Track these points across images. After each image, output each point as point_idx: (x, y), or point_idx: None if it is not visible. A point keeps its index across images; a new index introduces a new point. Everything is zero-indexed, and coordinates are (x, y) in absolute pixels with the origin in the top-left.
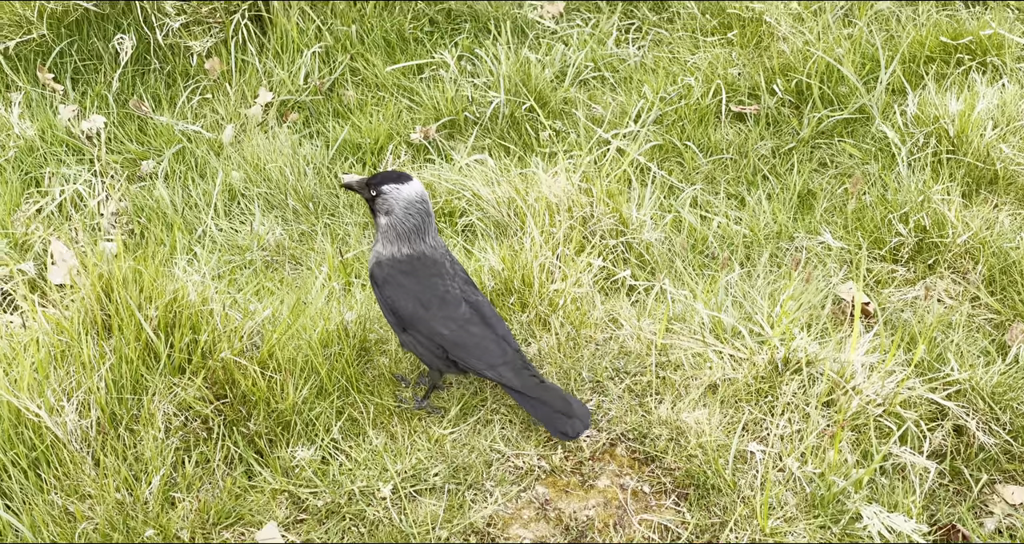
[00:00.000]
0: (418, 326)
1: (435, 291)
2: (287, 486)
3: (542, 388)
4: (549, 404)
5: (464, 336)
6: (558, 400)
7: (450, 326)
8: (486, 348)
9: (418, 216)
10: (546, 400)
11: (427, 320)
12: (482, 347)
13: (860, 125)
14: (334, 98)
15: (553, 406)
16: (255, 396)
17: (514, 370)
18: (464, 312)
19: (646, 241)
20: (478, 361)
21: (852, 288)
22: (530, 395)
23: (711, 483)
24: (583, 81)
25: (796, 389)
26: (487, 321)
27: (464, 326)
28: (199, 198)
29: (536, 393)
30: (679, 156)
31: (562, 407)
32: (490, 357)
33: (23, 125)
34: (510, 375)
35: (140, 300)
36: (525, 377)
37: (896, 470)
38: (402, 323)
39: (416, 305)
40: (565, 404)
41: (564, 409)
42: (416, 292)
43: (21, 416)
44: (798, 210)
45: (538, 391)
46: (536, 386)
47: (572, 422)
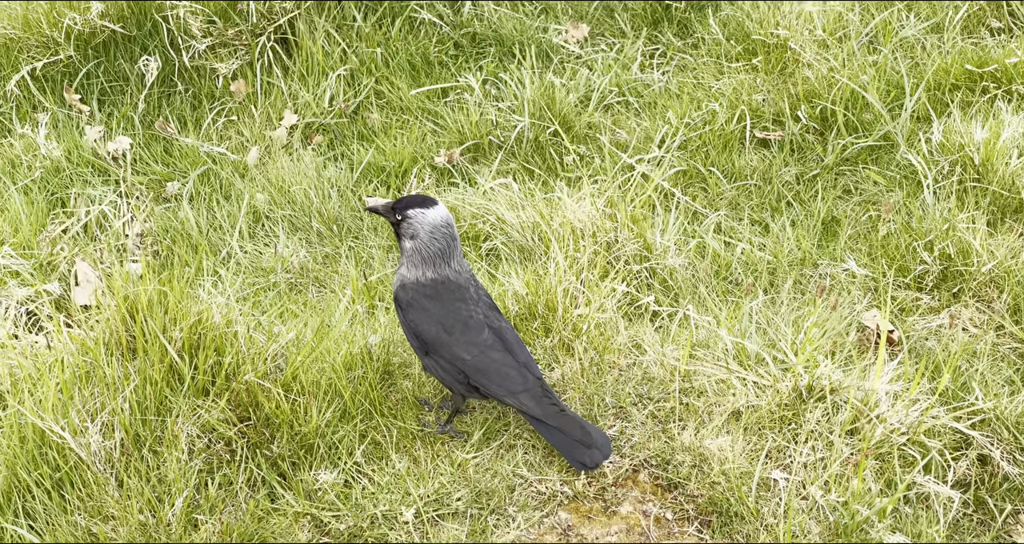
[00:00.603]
0: (440, 351)
1: (458, 316)
2: (310, 509)
3: (562, 417)
4: (568, 433)
5: (485, 362)
6: (577, 429)
7: (472, 351)
8: (507, 375)
9: (443, 240)
10: (565, 429)
11: (449, 345)
12: (503, 374)
13: (885, 152)
14: (359, 121)
15: (572, 435)
16: (279, 419)
17: (534, 398)
18: (486, 338)
19: (670, 267)
20: (499, 387)
21: (876, 316)
22: (550, 423)
23: (734, 510)
24: (607, 106)
25: (820, 417)
26: (509, 347)
27: (486, 352)
28: (223, 220)
29: (556, 422)
30: (703, 182)
31: (581, 436)
32: (511, 384)
33: (50, 146)
34: (531, 403)
35: (165, 322)
36: (545, 405)
37: (920, 499)
38: (425, 347)
39: (439, 329)
40: (584, 433)
41: (583, 439)
42: (439, 316)
43: (45, 437)
44: (822, 237)
45: (558, 419)
46: (556, 414)
47: (591, 452)
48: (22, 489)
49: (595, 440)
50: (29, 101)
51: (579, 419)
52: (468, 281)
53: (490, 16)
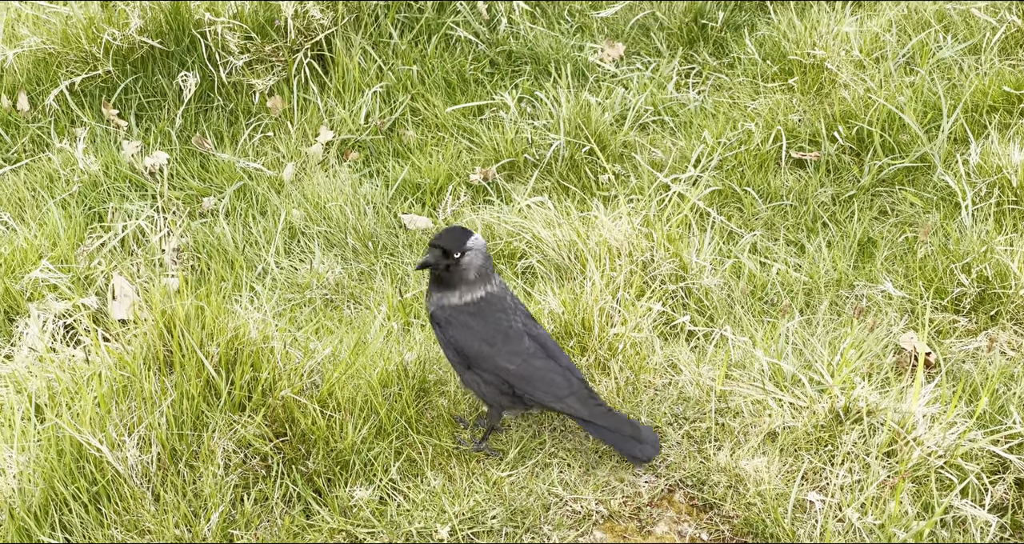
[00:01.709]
0: (483, 364)
1: (499, 327)
2: (345, 526)
3: (611, 416)
4: (619, 430)
5: (530, 370)
6: (627, 426)
7: (515, 361)
8: (552, 381)
9: (487, 260)
10: (616, 427)
11: (492, 357)
12: (548, 380)
13: (921, 174)
14: (394, 138)
15: (623, 432)
16: (314, 435)
17: (580, 400)
18: (528, 346)
19: (705, 287)
20: (545, 394)
21: (913, 338)
22: (600, 423)
23: (770, 532)
24: (643, 125)
25: (856, 439)
26: (551, 353)
27: (528, 360)
28: (259, 235)
29: (605, 421)
30: (739, 202)
31: (632, 432)
32: (557, 389)
33: (87, 160)
34: (577, 405)
35: (202, 337)
36: (592, 406)
37: (957, 523)
38: (467, 362)
39: (481, 343)
40: (635, 429)
41: (634, 434)
42: (480, 331)
43: (83, 450)
44: (858, 258)
45: (607, 419)
46: (604, 414)
47: (643, 447)
48: (59, 502)
49: (645, 436)
50: (67, 116)
51: (626, 417)
52: (504, 291)
53: (526, 34)
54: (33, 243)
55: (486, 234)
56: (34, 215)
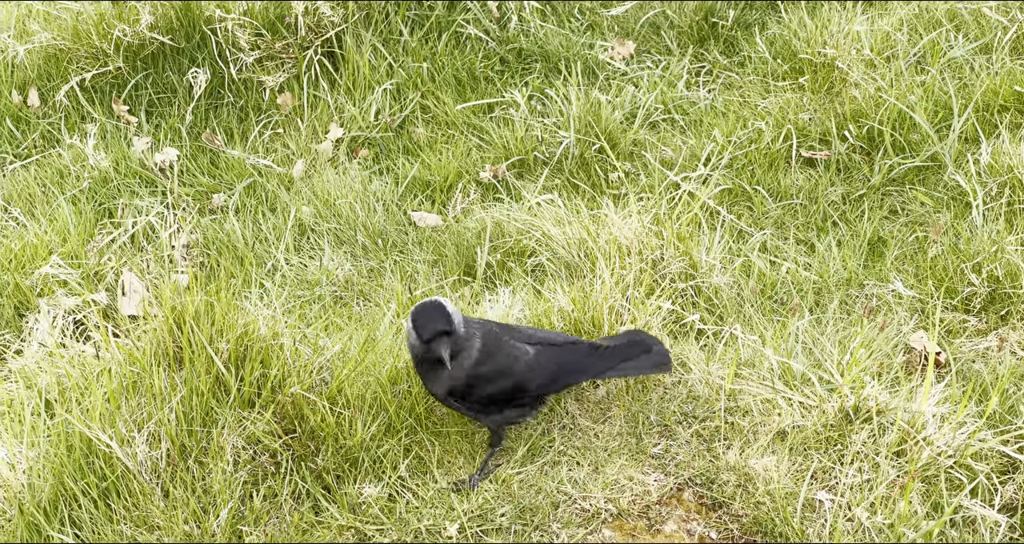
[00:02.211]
0: (516, 401)
1: (507, 356)
2: (354, 522)
3: (616, 352)
4: (633, 358)
5: (546, 373)
6: (635, 348)
7: (534, 379)
8: (575, 362)
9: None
10: (630, 357)
11: (524, 385)
12: (567, 369)
13: (932, 173)
14: (404, 135)
15: (634, 354)
16: (323, 432)
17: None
18: (530, 356)
19: (715, 285)
20: (571, 377)
21: (923, 337)
22: (616, 366)
23: (779, 531)
24: (653, 123)
25: (866, 438)
26: (550, 342)
27: (536, 369)
28: (269, 232)
29: (616, 362)
30: (749, 200)
31: (642, 350)
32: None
33: (98, 156)
34: (601, 365)
35: (211, 333)
36: (608, 358)
37: (966, 523)
38: (499, 405)
39: (505, 385)
40: (643, 346)
41: (645, 349)
42: (508, 367)
43: (92, 446)
44: (868, 257)
45: (616, 358)
46: (611, 355)
47: (656, 355)
48: (68, 498)
49: (651, 344)
50: (78, 112)
51: (624, 345)
52: (476, 326)
53: (536, 32)
54: (43, 239)
55: (496, 232)
56: (44, 211)
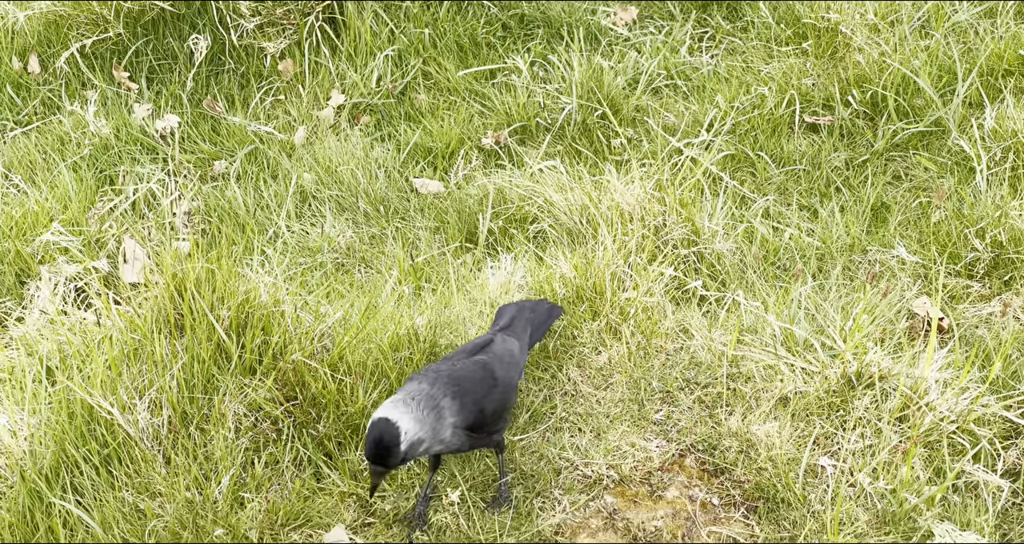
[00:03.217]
0: (504, 416)
1: (478, 375)
2: (355, 489)
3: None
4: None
5: (515, 363)
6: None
7: (515, 375)
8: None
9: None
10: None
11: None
12: (510, 356)
13: (936, 138)
14: (406, 101)
15: (537, 313)
16: (325, 398)
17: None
18: (476, 369)
19: (717, 251)
20: (518, 376)
21: (926, 303)
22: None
23: (781, 497)
24: (656, 89)
25: (868, 404)
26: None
27: (507, 364)
28: (271, 199)
29: (520, 334)
30: (751, 166)
31: (533, 305)
32: (517, 369)
33: (98, 123)
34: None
35: (212, 300)
36: (519, 333)
37: (969, 488)
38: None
39: (495, 408)
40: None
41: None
42: (484, 397)
43: (94, 413)
44: (871, 223)
45: (520, 331)
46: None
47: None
48: (70, 464)
49: (541, 304)
50: (78, 78)
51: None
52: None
53: None
54: (44, 206)
55: (498, 199)
56: (45, 178)
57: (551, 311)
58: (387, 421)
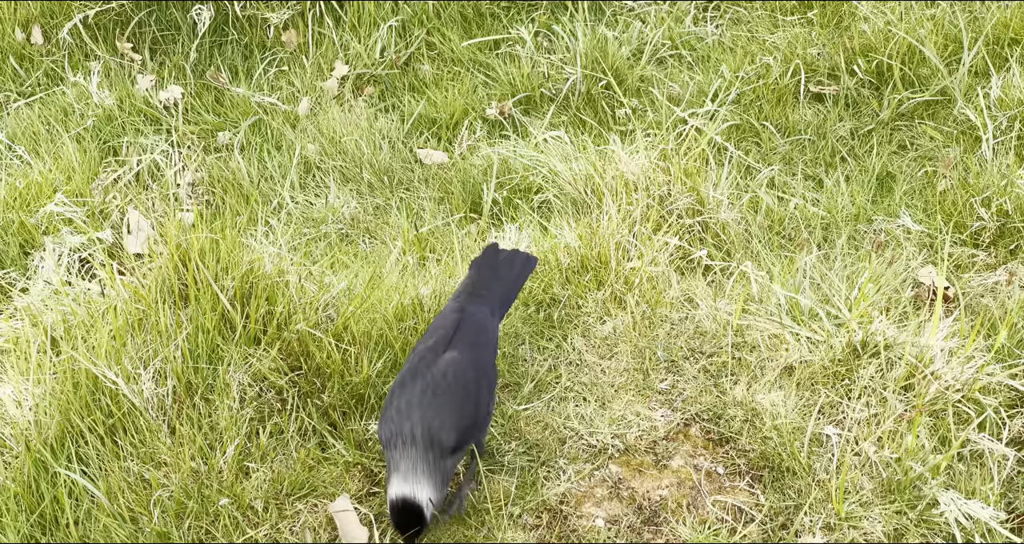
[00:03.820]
0: (489, 409)
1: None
2: (360, 459)
3: (497, 283)
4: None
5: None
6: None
7: (491, 374)
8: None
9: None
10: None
11: (489, 389)
12: (485, 333)
13: (941, 107)
14: (410, 72)
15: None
16: (329, 369)
17: (491, 309)
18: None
19: (722, 221)
20: (494, 338)
21: (932, 272)
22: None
23: (786, 466)
24: (660, 59)
25: (874, 373)
26: (448, 338)
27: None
28: (275, 170)
29: (492, 296)
30: (756, 136)
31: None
32: (491, 349)
33: (102, 94)
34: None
35: (217, 270)
36: (493, 302)
37: (974, 457)
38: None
39: (473, 417)
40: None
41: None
42: (461, 410)
43: (98, 383)
44: (877, 192)
45: (491, 292)
46: (486, 289)
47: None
48: (75, 434)
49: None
50: (81, 49)
51: (484, 275)
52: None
53: None
54: (48, 177)
55: (502, 169)
56: (49, 149)
57: (526, 264)
58: (407, 500)
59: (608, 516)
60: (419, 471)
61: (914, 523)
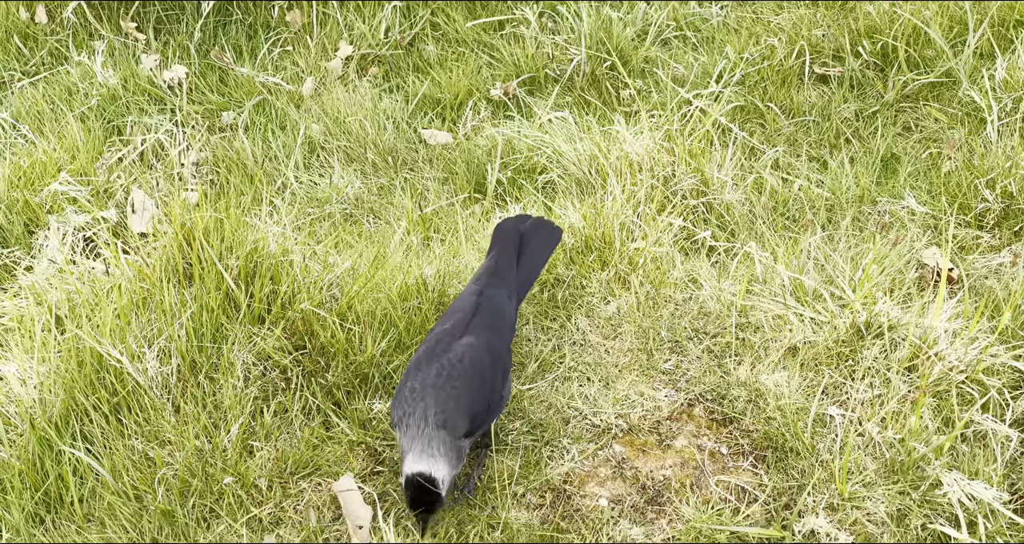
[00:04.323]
0: (505, 392)
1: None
2: (364, 438)
3: (508, 266)
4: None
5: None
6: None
7: (505, 367)
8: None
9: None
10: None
11: (506, 369)
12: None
13: (946, 89)
14: (414, 53)
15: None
16: (333, 348)
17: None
18: (478, 347)
19: (727, 202)
20: (511, 334)
21: (936, 253)
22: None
23: (789, 446)
24: (665, 40)
25: (877, 354)
26: (467, 322)
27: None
28: (279, 150)
29: (510, 272)
30: (761, 117)
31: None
32: (508, 334)
33: (106, 74)
34: (508, 296)
35: (221, 250)
36: (509, 279)
37: (977, 438)
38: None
39: (485, 399)
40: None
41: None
42: (478, 391)
43: (103, 361)
44: (881, 174)
45: (510, 272)
46: (507, 271)
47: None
48: (80, 413)
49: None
50: (85, 29)
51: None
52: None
53: None
54: (52, 156)
55: (506, 149)
56: (53, 128)
57: (552, 235)
58: (424, 475)
59: (612, 496)
60: (434, 450)
61: (917, 503)
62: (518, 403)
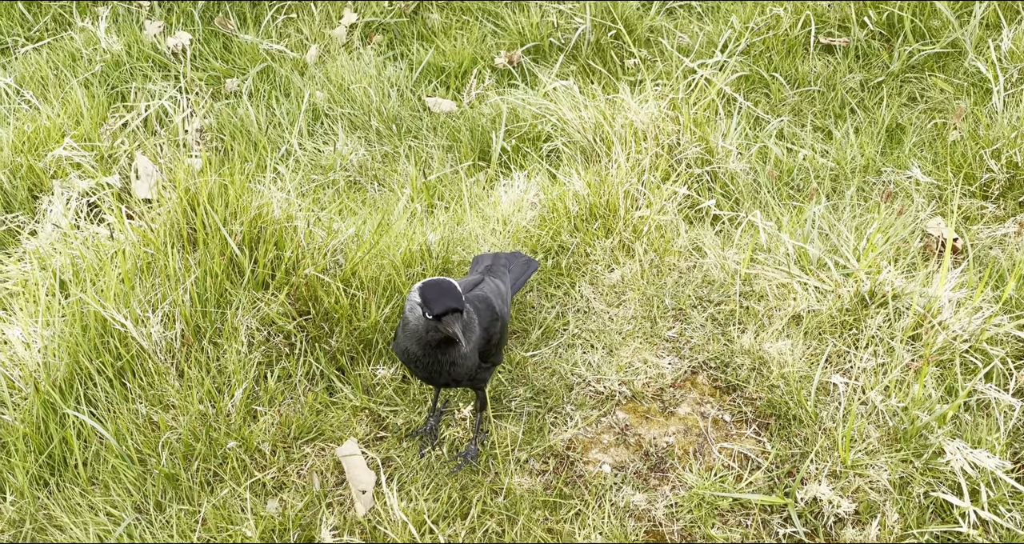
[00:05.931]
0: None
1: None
2: (368, 403)
3: (501, 271)
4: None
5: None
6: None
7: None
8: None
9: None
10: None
11: (503, 316)
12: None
13: (952, 60)
14: (419, 21)
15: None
16: (337, 313)
17: None
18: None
19: (731, 171)
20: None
21: (940, 223)
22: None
23: (792, 414)
24: (669, 10)
25: (881, 323)
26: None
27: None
28: (283, 117)
29: (503, 278)
30: (766, 87)
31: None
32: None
33: (110, 40)
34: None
35: (225, 215)
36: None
37: (980, 407)
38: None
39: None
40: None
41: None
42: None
43: (107, 325)
44: (886, 144)
45: (502, 276)
46: (502, 274)
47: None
48: (84, 376)
49: (517, 256)
50: None
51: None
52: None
53: None
54: (56, 121)
55: (511, 117)
56: (57, 94)
57: (528, 264)
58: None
59: (615, 462)
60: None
61: (920, 471)
62: (521, 369)
